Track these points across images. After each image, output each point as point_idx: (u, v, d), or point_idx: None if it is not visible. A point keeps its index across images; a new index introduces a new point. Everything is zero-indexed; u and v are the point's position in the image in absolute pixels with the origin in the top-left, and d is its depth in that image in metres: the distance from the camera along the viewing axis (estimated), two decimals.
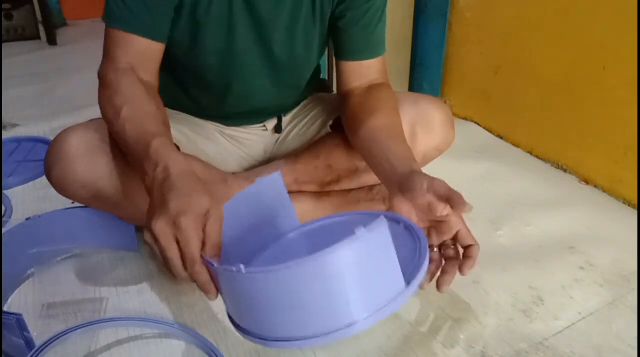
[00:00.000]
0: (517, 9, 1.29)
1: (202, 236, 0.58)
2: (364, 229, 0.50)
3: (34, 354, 0.64)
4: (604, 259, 0.91)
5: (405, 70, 1.65)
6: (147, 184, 0.64)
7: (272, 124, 1.01)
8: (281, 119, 1.01)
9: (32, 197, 1.12)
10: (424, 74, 1.62)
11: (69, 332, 0.69)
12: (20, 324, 0.65)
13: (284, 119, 1.01)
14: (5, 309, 0.79)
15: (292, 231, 0.77)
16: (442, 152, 0.96)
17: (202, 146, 0.95)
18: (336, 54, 0.91)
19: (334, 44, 0.91)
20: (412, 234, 0.63)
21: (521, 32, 1.29)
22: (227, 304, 0.62)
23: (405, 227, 0.65)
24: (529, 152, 1.34)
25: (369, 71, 0.89)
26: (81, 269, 0.89)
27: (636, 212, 1.07)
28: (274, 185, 0.72)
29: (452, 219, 0.69)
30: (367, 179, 0.94)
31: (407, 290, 0.54)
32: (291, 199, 0.95)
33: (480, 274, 0.87)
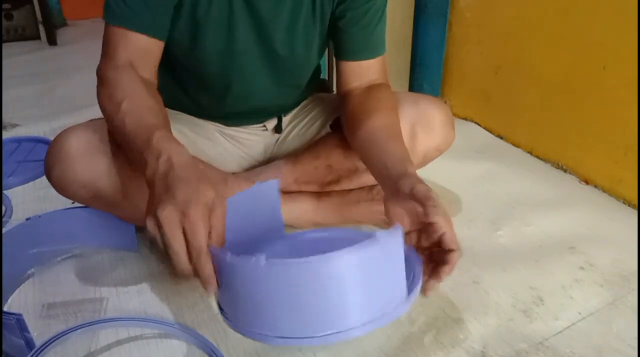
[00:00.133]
0: (517, 9, 1.29)
1: (209, 226, 0.58)
2: (383, 233, 0.52)
3: (34, 354, 0.64)
4: (604, 259, 0.91)
5: (405, 70, 1.65)
6: (147, 174, 0.62)
7: (272, 124, 1.01)
8: (281, 119, 1.01)
9: (32, 197, 1.12)
10: (424, 74, 1.62)
11: (69, 332, 0.69)
12: (20, 324, 0.65)
13: (284, 119, 1.01)
14: (5, 309, 0.79)
15: (279, 239, 0.76)
16: (442, 152, 0.96)
17: (202, 146, 0.95)
18: (336, 54, 0.91)
19: (333, 44, 0.91)
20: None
21: (521, 32, 1.29)
22: (223, 297, 0.61)
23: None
24: (529, 152, 1.34)
25: (369, 71, 0.89)
26: (81, 269, 0.89)
27: (636, 212, 1.07)
28: (269, 190, 0.72)
29: (439, 222, 0.67)
30: (367, 179, 0.94)
31: (407, 300, 0.57)
32: (291, 199, 0.95)
33: (480, 274, 0.87)
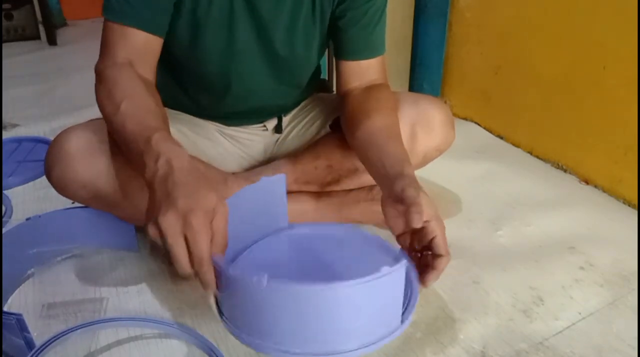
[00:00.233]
0: (517, 9, 1.29)
1: (210, 234, 0.58)
2: (387, 268, 0.54)
3: (34, 354, 0.64)
4: (604, 259, 0.90)
5: (405, 70, 1.65)
6: (147, 176, 0.62)
7: (272, 124, 1.01)
8: (281, 119, 1.01)
9: (32, 197, 1.12)
10: (424, 74, 1.62)
11: (69, 332, 0.68)
12: (20, 324, 0.65)
13: (284, 119, 1.01)
14: (5, 309, 0.79)
15: (282, 231, 0.77)
16: (442, 152, 0.96)
17: (202, 146, 0.95)
18: (336, 54, 0.91)
19: (333, 44, 0.91)
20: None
21: (521, 32, 1.29)
22: (224, 302, 0.62)
23: (395, 258, 0.69)
24: (529, 152, 1.34)
25: (368, 71, 0.89)
26: (81, 269, 0.89)
27: (636, 212, 1.07)
28: (276, 185, 0.73)
29: (430, 226, 0.67)
30: (367, 179, 0.93)
31: (401, 327, 0.61)
32: (291, 199, 0.95)
33: (480, 274, 0.87)
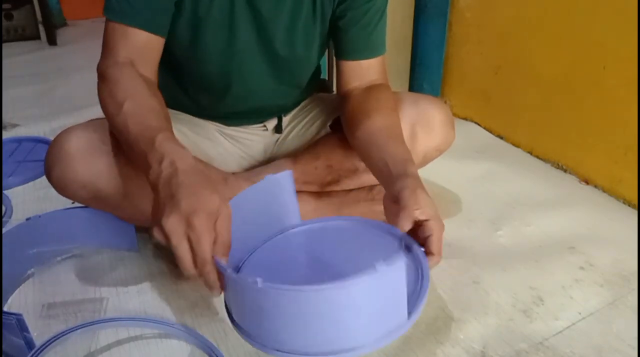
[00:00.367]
0: (517, 9, 1.29)
1: (213, 235, 0.58)
2: (384, 264, 0.52)
3: (34, 354, 0.64)
4: (604, 259, 0.90)
5: (405, 70, 1.65)
6: (151, 178, 0.62)
7: (272, 123, 1.01)
8: (281, 119, 1.01)
9: (32, 197, 1.12)
10: (424, 74, 1.62)
11: (69, 332, 0.69)
12: (20, 324, 0.65)
13: (284, 119, 1.01)
14: (5, 309, 0.79)
15: (292, 228, 0.77)
16: (442, 152, 0.96)
17: (202, 146, 0.95)
18: (336, 54, 0.91)
19: (334, 44, 0.91)
20: (413, 256, 0.65)
21: (521, 32, 1.29)
22: (229, 304, 0.62)
23: (405, 245, 0.67)
24: (529, 152, 1.34)
25: (369, 71, 0.89)
26: (81, 269, 0.89)
27: (636, 212, 1.07)
28: (283, 182, 0.72)
29: (428, 224, 0.67)
30: (367, 179, 0.94)
31: (407, 322, 0.57)
32: None
33: (480, 274, 0.87)
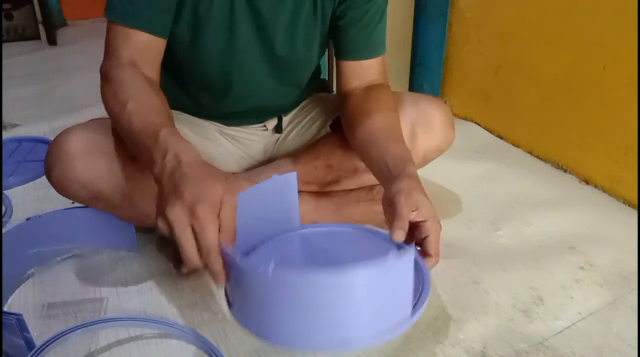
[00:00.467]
0: (517, 9, 1.29)
1: (217, 224, 0.58)
2: (394, 254, 0.51)
3: (34, 354, 0.64)
4: (604, 259, 0.90)
5: (405, 70, 1.65)
6: (155, 172, 0.63)
7: (272, 123, 1.01)
8: (281, 119, 1.01)
9: (32, 197, 1.12)
10: (424, 74, 1.62)
11: (69, 332, 0.69)
12: (20, 324, 0.65)
13: (284, 119, 1.01)
14: (5, 309, 0.79)
15: (293, 231, 0.77)
16: (442, 152, 0.96)
17: (202, 146, 0.95)
18: (336, 54, 0.91)
19: (334, 44, 0.91)
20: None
21: (521, 32, 1.29)
22: (233, 291, 0.62)
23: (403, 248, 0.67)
24: (529, 152, 1.34)
25: (369, 71, 0.89)
26: (81, 269, 0.89)
27: (636, 212, 1.07)
28: (289, 183, 0.73)
29: (425, 225, 0.67)
30: (367, 179, 0.94)
31: (411, 319, 0.57)
32: None
33: (480, 274, 0.87)
